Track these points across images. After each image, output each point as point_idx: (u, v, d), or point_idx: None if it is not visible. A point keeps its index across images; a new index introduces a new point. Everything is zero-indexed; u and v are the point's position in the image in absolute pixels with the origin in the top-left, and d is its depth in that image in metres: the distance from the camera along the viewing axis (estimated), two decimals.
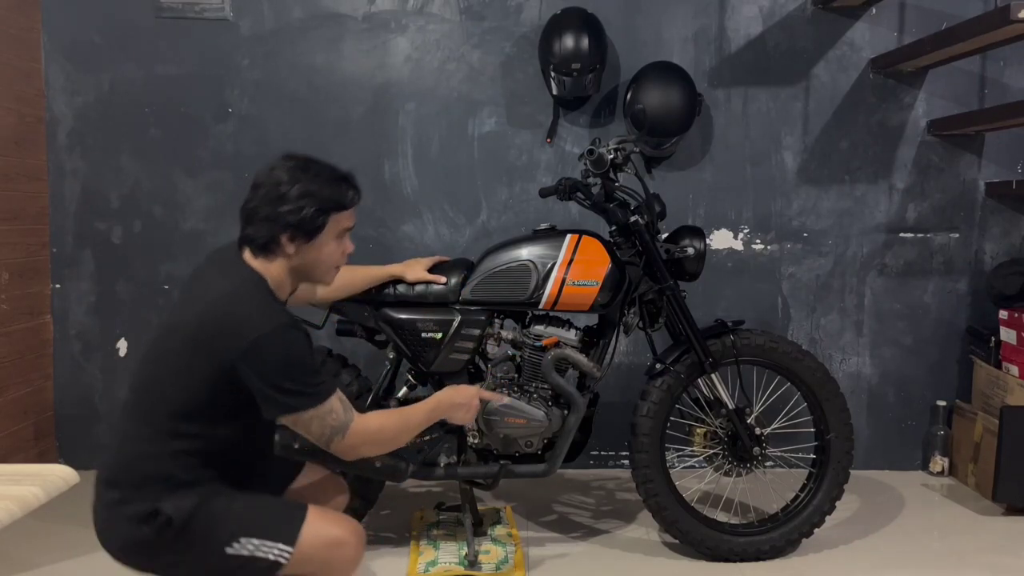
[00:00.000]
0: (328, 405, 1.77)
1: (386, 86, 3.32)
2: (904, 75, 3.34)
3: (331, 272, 1.90)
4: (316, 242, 1.81)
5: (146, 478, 1.74)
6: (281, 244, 1.78)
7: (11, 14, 3.07)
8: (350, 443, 1.83)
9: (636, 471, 2.57)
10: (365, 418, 1.86)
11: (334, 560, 1.84)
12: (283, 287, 1.84)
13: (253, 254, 1.82)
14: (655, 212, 2.54)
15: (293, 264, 1.82)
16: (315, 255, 1.82)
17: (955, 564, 2.60)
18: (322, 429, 1.79)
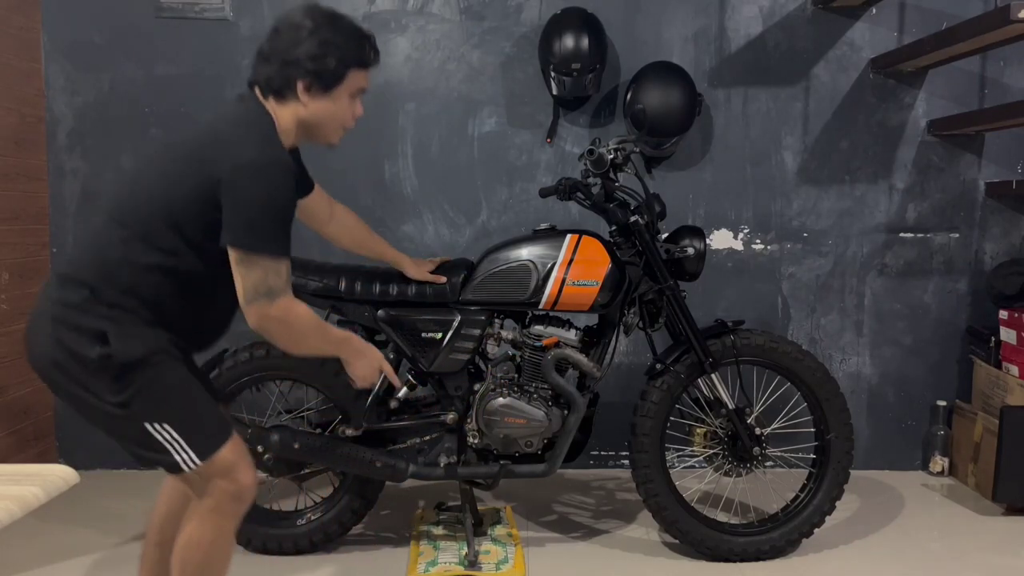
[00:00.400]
0: (279, 264, 1.73)
1: (386, 86, 3.32)
2: (904, 75, 3.35)
3: (338, 132, 1.90)
4: (332, 95, 1.81)
5: (112, 284, 1.72)
6: (296, 91, 1.78)
7: (11, 14, 3.07)
8: (272, 314, 1.74)
9: (636, 471, 2.57)
10: (296, 302, 1.79)
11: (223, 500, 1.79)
12: (288, 136, 1.83)
13: (264, 96, 1.81)
14: (655, 212, 2.54)
15: (303, 115, 1.82)
16: (328, 109, 1.83)
17: (955, 564, 2.60)
18: (258, 282, 1.72)
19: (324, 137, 1.91)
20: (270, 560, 2.59)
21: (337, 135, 1.93)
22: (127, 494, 3.09)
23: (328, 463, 2.51)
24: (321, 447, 2.48)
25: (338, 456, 2.48)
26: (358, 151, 3.32)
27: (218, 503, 1.78)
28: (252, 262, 1.71)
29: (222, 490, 1.78)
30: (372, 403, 2.53)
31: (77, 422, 3.34)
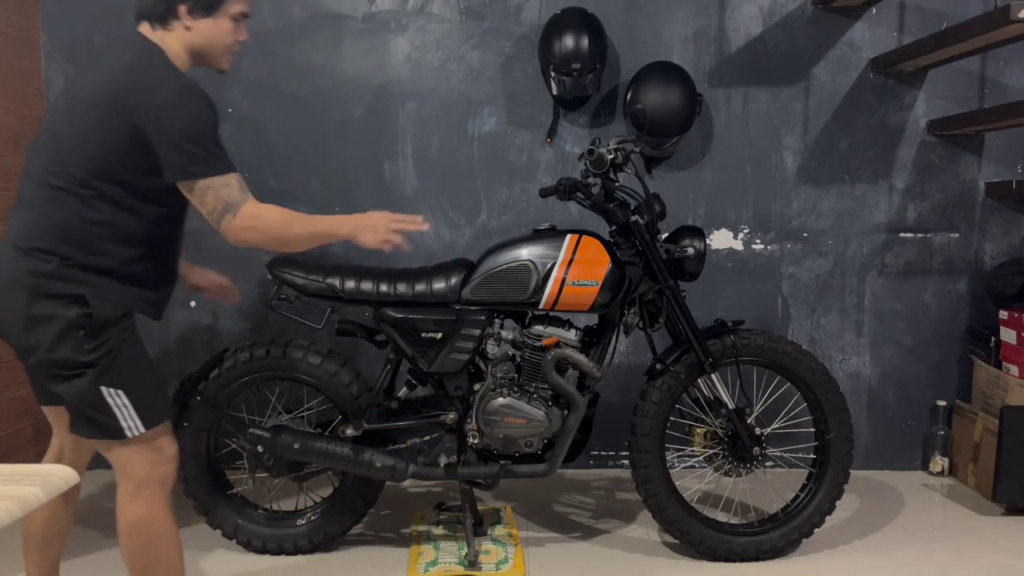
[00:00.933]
0: (226, 179, 1.84)
1: (386, 86, 3.32)
2: (904, 75, 3.35)
3: (225, 57, 2.00)
4: (214, 16, 1.92)
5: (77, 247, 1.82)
6: (179, 15, 1.89)
7: (11, 14, 3.07)
8: (240, 224, 1.86)
9: (636, 471, 2.57)
10: (260, 204, 1.90)
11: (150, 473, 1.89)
12: (182, 62, 1.92)
13: (152, 26, 1.91)
14: (655, 212, 2.54)
15: (189, 39, 1.92)
16: (211, 32, 1.93)
17: (955, 564, 2.60)
18: (215, 202, 1.84)
19: (213, 61, 2.00)
20: (270, 560, 2.59)
21: (225, 59, 2.01)
22: None
23: (328, 463, 2.51)
24: (321, 447, 2.48)
25: (338, 456, 2.48)
26: (358, 151, 3.32)
27: (145, 477, 1.89)
28: (200, 189, 1.83)
29: (149, 462, 1.89)
30: (372, 404, 2.54)
31: None
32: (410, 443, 2.56)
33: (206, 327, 3.34)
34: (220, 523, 2.60)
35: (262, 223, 1.90)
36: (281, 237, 1.95)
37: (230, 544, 2.63)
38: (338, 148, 3.32)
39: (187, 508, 2.79)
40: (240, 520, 2.60)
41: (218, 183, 1.85)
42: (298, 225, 1.97)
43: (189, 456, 2.56)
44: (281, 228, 1.94)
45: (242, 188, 1.88)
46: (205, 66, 2.01)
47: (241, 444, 2.56)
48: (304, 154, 3.32)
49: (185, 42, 1.93)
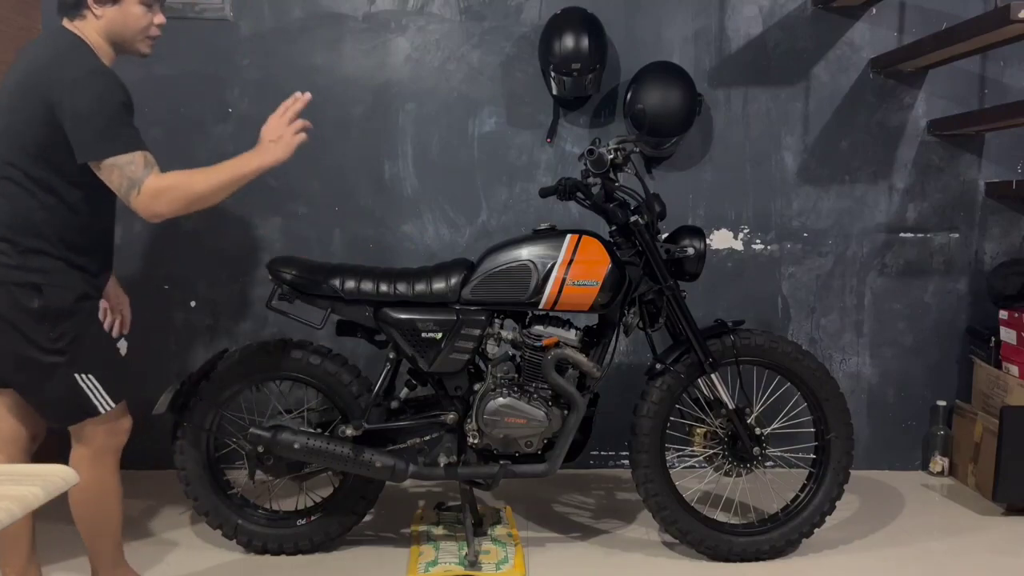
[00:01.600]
0: (130, 156, 1.92)
1: (386, 86, 3.32)
2: (904, 75, 3.34)
3: (144, 41, 2.09)
4: (120, 5, 2.01)
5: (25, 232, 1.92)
6: (88, 5, 1.99)
7: (11, 14, 3.07)
8: (144, 199, 1.93)
9: (636, 471, 2.57)
10: (162, 177, 1.96)
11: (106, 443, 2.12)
12: (103, 52, 2.04)
13: (69, 18, 2.02)
14: (655, 212, 2.54)
15: (101, 27, 2.02)
16: (121, 18, 2.02)
17: (955, 564, 2.60)
18: (121, 180, 1.92)
19: (131, 47, 2.08)
20: (270, 560, 2.59)
21: (143, 44, 2.10)
22: (127, 494, 3.06)
23: (328, 463, 2.51)
24: (321, 447, 2.48)
25: (338, 456, 2.48)
26: (358, 151, 3.32)
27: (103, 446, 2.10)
28: (107, 167, 1.92)
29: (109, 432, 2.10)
30: (372, 404, 2.54)
31: None
32: (410, 443, 2.56)
33: (206, 327, 3.34)
34: (220, 523, 2.60)
35: (165, 192, 1.95)
36: (187, 198, 1.99)
37: (230, 544, 2.63)
38: (338, 148, 3.32)
39: (187, 508, 2.80)
40: (240, 520, 2.60)
41: (122, 161, 1.92)
42: (200, 180, 2.00)
43: (189, 456, 2.56)
44: (184, 190, 1.98)
45: (147, 164, 1.95)
46: (127, 53, 2.10)
47: (241, 444, 2.56)
48: (304, 154, 3.30)
49: (99, 31, 2.03)
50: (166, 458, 2.63)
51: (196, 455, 2.57)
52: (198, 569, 2.53)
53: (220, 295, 3.29)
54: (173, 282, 3.32)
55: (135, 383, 3.34)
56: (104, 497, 2.15)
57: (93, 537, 2.20)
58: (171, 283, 3.32)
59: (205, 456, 2.58)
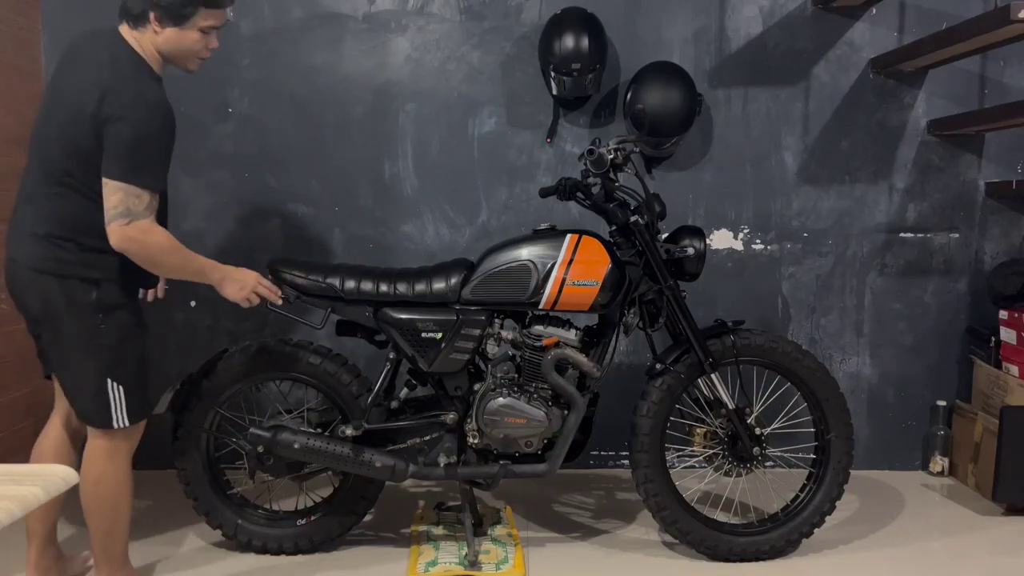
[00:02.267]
0: (140, 191, 2.04)
1: (386, 86, 3.32)
2: (904, 75, 3.34)
3: (193, 61, 2.21)
4: (181, 28, 2.12)
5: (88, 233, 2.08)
6: (150, 21, 2.09)
7: (11, 14, 3.07)
8: (129, 233, 2.04)
9: (636, 471, 2.57)
10: (155, 227, 2.09)
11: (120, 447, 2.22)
12: (154, 61, 2.15)
13: (129, 25, 2.12)
14: (655, 212, 2.54)
15: (160, 43, 2.13)
16: (178, 40, 2.13)
17: (955, 564, 2.60)
18: (119, 204, 2.02)
19: (181, 64, 2.21)
20: (270, 560, 2.59)
21: (193, 63, 2.22)
22: None
23: (328, 463, 2.51)
24: (321, 447, 2.48)
25: (338, 456, 2.48)
26: (358, 151, 3.32)
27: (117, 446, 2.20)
28: (114, 187, 2.02)
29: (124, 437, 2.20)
30: (372, 404, 2.54)
31: None
32: (410, 443, 2.56)
33: (206, 327, 3.34)
34: (220, 523, 2.60)
35: (148, 241, 2.07)
36: (155, 260, 2.12)
37: (230, 544, 2.63)
38: (338, 148, 3.32)
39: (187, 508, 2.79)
40: (240, 520, 2.60)
41: (131, 192, 2.03)
42: (174, 257, 2.14)
43: (189, 456, 2.56)
44: (159, 253, 2.11)
45: (148, 206, 2.07)
46: (174, 65, 2.22)
47: (241, 444, 2.56)
48: (304, 154, 3.32)
49: (156, 44, 2.14)
50: (166, 458, 2.63)
51: (196, 455, 2.57)
52: (198, 569, 2.53)
53: (220, 295, 3.28)
54: (173, 282, 3.30)
55: None
56: (118, 489, 2.23)
57: (104, 534, 2.25)
58: (171, 283, 3.30)
59: (205, 456, 2.59)
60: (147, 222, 2.06)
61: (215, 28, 2.19)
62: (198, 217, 3.32)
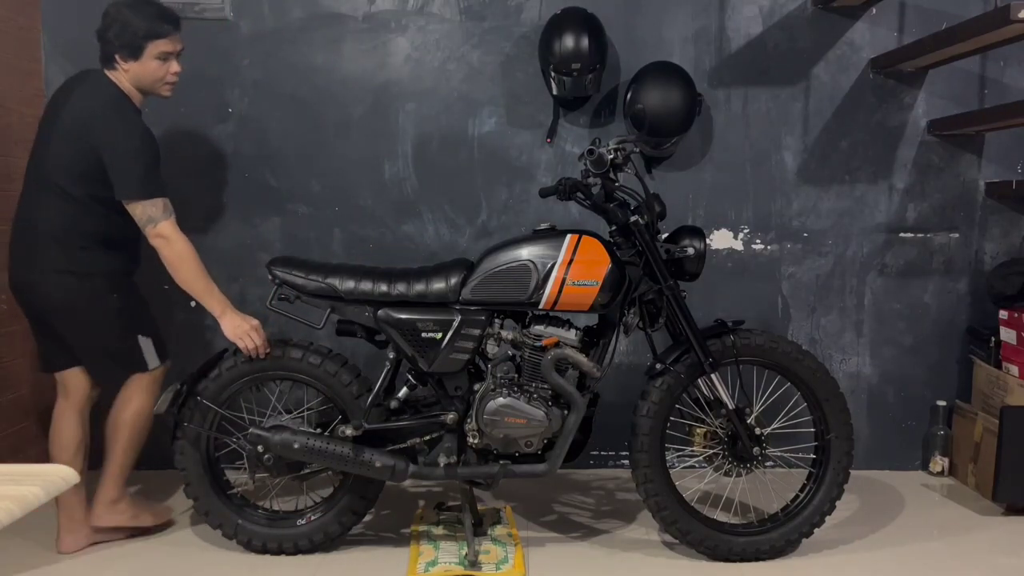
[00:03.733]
0: (153, 201, 2.44)
1: (386, 86, 3.32)
2: (904, 75, 3.35)
3: (162, 87, 2.56)
4: (140, 61, 2.49)
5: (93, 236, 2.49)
6: (116, 60, 2.49)
7: (11, 14, 3.07)
8: (156, 232, 2.45)
9: (636, 471, 2.57)
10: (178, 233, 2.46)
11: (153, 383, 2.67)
12: (133, 94, 2.53)
13: (106, 69, 2.52)
14: (655, 212, 2.54)
15: (129, 77, 2.51)
16: (141, 71, 2.50)
17: (955, 564, 2.60)
18: (142, 214, 2.44)
19: (154, 91, 2.57)
20: (270, 560, 2.59)
21: (163, 89, 2.57)
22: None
23: (328, 463, 2.51)
24: (321, 447, 2.48)
25: (338, 456, 2.48)
26: (358, 151, 3.32)
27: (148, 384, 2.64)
28: (132, 205, 2.44)
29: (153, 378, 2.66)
30: (372, 404, 2.54)
31: None
32: (410, 443, 2.56)
33: (206, 327, 3.34)
34: (220, 523, 2.60)
35: (170, 246, 2.46)
36: (173, 266, 2.48)
37: (230, 544, 2.63)
38: (338, 148, 3.32)
39: (187, 508, 2.80)
40: (240, 520, 2.60)
41: (146, 203, 2.44)
42: (189, 266, 2.48)
43: (189, 456, 2.56)
44: (178, 258, 2.47)
45: (165, 209, 2.47)
46: (150, 94, 2.57)
47: (241, 444, 2.56)
48: (304, 154, 3.32)
49: (127, 79, 2.51)
50: (166, 458, 2.63)
51: (196, 455, 2.57)
52: (198, 569, 2.53)
53: None
54: (173, 282, 3.31)
55: None
56: (148, 421, 2.64)
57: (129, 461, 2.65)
58: (171, 283, 3.31)
59: (205, 456, 2.59)
60: (168, 223, 2.45)
61: (170, 54, 2.52)
62: (198, 217, 3.32)
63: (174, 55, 2.54)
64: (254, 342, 2.51)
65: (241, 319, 2.52)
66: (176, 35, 2.54)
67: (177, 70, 2.56)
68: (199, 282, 2.49)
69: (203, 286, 2.50)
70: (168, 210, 2.46)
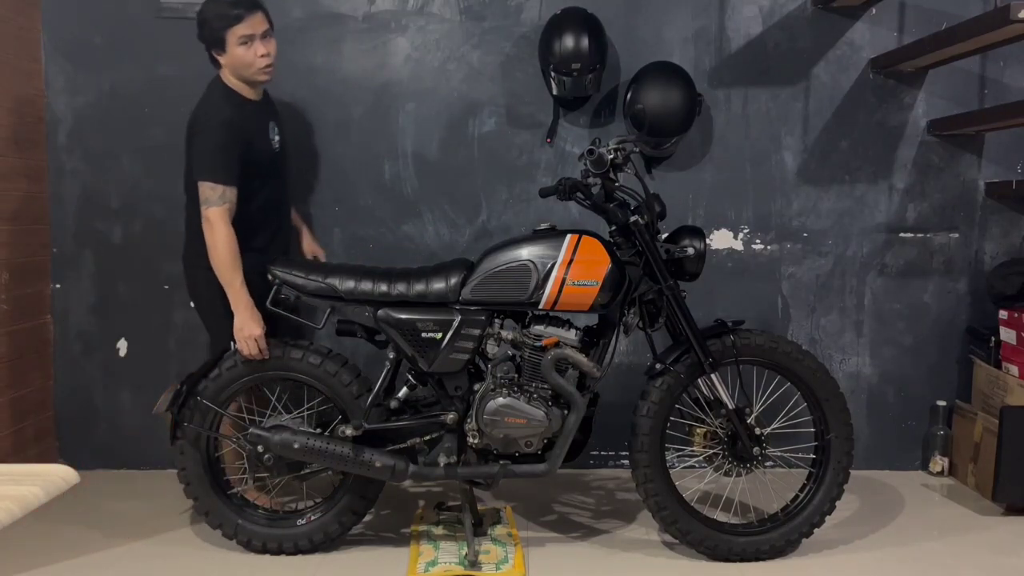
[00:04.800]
0: (212, 185, 2.50)
1: (386, 86, 3.32)
2: (904, 75, 3.35)
3: (252, 71, 2.60)
4: (227, 51, 2.57)
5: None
6: (214, 55, 2.61)
7: (11, 14, 3.07)
8: (205, 214, 2.51)
9: (636, 471, 2.57)
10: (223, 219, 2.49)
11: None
12: (240, 87, 2.63)
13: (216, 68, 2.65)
14: (655, 212, 2.54)
15: (229, 69, 2.61)
16: (231, 60, 2.58)
17: (955, 564, 2.60)
18: (202, 195, 2.51)
19: (249, 77, 2.62)
20: (270, 560, 2.59)
21: (257, 74, 2.61)
22: (127, 494, 3.09)
23: (328, 463, 2.51)
24: (321, 447, 2.48)
25: (338, 456, 2.48)
26: (358, 151, 3.32)
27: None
28: (200, 184, 2.52)
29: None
30: (372, 404, 2.54)
31: (77, 422, 3.35)
32: (410, 443, 2.56)
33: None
34: (220, 523, 2.60)
35: (211, 231, 2.50)
36: (211, 246, 2.51)
37: (230, 544, 2.63)
38: (338, 148, 3.32)
39: (187, 508, 2.80)
40: (240, 520, 2.60)
41: (205, 186, 2.50)
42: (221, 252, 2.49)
43: (189, 456, 2.56)
44: (211, 247, 2.51)
45: (221, 197, 2.50)
46: (251, 81, 2.62)
47: (241, 444, 2.56)
48: (304, 154, 3.32)
49: (229, 72, 2.62)
50: (166, 458, 2.63)
51: (196, 455, 2.57)
52: (198, 569, 2.53)
53: None
54: (173, 282, 3.32)
55: (135, 383, 3.36)
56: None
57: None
58: (171, 283, 3.32)
59: (205, 456, 2.59)
60: (216, 209, 2.49)
61: (251, 36, 2.55)
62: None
63: (256, 37, 2.56)
64: (250, 349, 2.50)
65: (246, 322, 2.50)
66: (252, 17, 2.55)
67: (264, 52, 2.57)
68: (224, 273, 2.50)
69: (227, 278, 2.50)
70: (222, 198, 2.49)
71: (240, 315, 2.50)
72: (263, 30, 2.58)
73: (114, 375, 3.35)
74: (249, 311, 2.50)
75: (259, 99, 2.69)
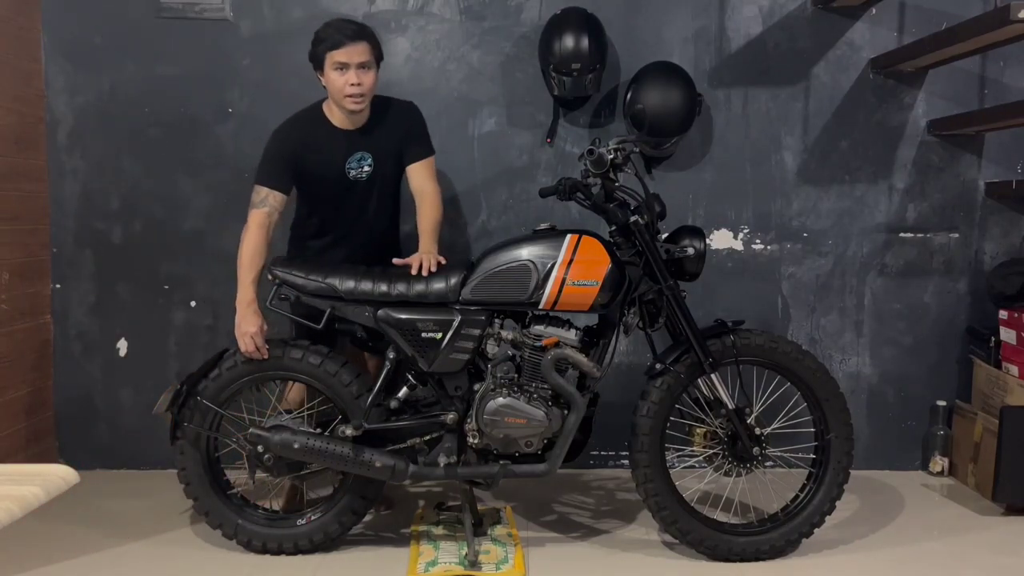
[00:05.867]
0: (258, 188, 2.61)
1: (386, 86, 3.30)
2: (904, 75, 3.35)
3: (339, 97, 2.59)
4: (324, 73, 2.61)
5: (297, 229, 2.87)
6: (317, 75, 2.65)
7: (11, 14, 3.07)
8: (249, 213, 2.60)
9: (636, 471, 2.57)
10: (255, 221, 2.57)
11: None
12: (335, 113, 2.67)
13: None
14: (655, 212, 2.54)
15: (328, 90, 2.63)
16: (327, 84, 2.61)
17: (955, 564, 2.60)
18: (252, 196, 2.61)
19: (339, 103, 2.62)
20: (270, 560, 2.59)
21: (346, 102, 2.59)
22: (127, 494, 3.09)
23: (328, 463, 2.51)
24: (321, 447, 2.48)
25: (338, 456, 2.48)
26: None
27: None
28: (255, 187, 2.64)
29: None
30: (372, 404, 2.54)
31: (77, 422, 3.35)
32: (410, 443, 2.56)
33: (206, 327, 3.34)
34: (220, 523, 2.60)
35: (245, 229, 2.59)
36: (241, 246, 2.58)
37: (230, 544, 2.63)
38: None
39: (187, 508, 2.80)
40: (240, 520, 2.60)
41: (256, 188, 2.63)
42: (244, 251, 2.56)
43: (189, 456, 2.56)
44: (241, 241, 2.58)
45: (260, 200, 2.60)
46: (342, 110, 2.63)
47: (241, 444, 2.56)
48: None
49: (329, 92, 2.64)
50: (166, 458, 2.63)
51: (196, 455, 2.57)
52: (198, 569, 2.53)
53: (220, 295, 3.29)
54: (173, 282, 3.32)
55: (135, 383, 3.36)
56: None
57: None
58: (171, 283, 3.32)
59: (205, 456, 2.58)
60: (254, 212, 2.58)
61: (346, 65, 2.55)
62: (198, 217, 3.32)
63: (352, 66, 2.55)
64: (246, 346, 2.51)
65: (243, 319, 2.52)
66: (354, 46, 2.55)
67: (354, 81, 2.55)
68: (240, 270, 2.56)
69: (239, 274, 2.56)
70: (264, 202, 2.58)
71: (239, 312, 2.53)
72: (360, 61, 2.55)
73: (114, 375, 3.35)
74: (248, 308, 2.52)
75: (354, 128, 2.67)
